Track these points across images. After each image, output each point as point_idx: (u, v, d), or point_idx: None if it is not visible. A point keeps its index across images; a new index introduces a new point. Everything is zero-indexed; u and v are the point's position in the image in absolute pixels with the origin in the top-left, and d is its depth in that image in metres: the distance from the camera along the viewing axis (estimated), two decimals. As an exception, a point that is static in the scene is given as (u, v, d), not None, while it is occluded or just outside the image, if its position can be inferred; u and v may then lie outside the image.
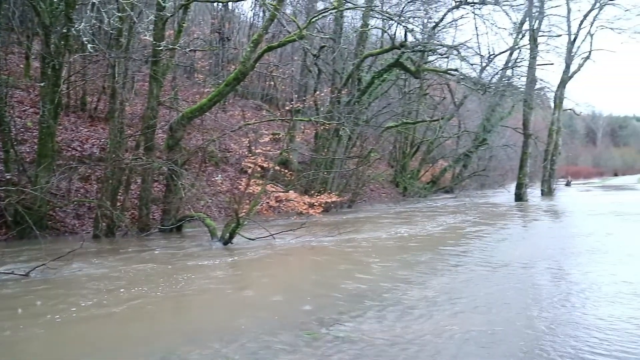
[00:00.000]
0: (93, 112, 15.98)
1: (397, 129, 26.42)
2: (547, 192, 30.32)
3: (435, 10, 21.70)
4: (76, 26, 8.16)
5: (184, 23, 13.29)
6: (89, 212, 12.02)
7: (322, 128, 17.22)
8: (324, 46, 19.25)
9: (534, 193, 29.70)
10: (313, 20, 15.67)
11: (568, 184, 46.44)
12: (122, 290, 6.71)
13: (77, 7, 10.61)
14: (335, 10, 16.82)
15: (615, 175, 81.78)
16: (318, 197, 14.10)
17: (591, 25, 30.53)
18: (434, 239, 12.42)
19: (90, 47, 7.40)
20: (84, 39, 7.44)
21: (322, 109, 18.53)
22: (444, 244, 11.54)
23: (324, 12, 17.52)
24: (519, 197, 26.22)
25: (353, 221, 15.49)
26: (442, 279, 7.78)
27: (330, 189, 17.27)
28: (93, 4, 7.53)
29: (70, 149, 13.56)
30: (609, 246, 11.22)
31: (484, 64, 24.07)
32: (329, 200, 14.42)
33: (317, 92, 18.37)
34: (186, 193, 11.86)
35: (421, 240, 12.10)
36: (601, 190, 41.34)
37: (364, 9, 19.38)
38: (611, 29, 30.66)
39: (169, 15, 12.41)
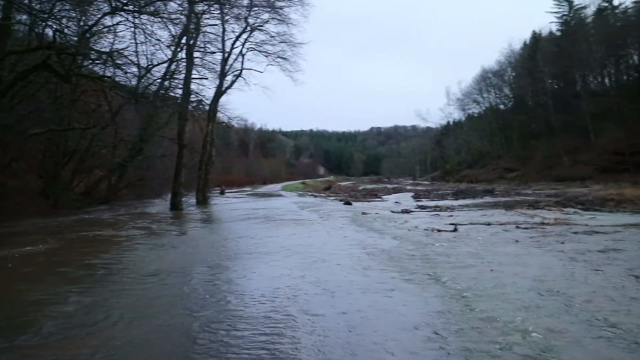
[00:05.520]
0: None
1: (46, 136, 24.92)
2: (202, 201, 32.46)
3: (92, 14, 21.36)
4: None
5: None
6: None
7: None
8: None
9: (189, 202, 31.33)
10: None
11: (222, 193, 49.84)
12: None
13: None
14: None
15: (265, 183, 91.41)
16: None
17: (242, 46, 34.58)
18: (82, 251, 12.17)
19: None
20: None
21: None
22: (93, 256, 11.38)
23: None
24: (175, 206, 27.40)
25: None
26: (87, 294, 7.62)
27: (-39, 202, 15.49)
28: None
29: None
30: (256, 248, 12.45)
31: (142, 74, 24.62)
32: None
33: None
34: None
35: (68, 254, 11.76)
36: (252, 197, 45.52)
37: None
38: (260, 51, 35.16)
39: None
